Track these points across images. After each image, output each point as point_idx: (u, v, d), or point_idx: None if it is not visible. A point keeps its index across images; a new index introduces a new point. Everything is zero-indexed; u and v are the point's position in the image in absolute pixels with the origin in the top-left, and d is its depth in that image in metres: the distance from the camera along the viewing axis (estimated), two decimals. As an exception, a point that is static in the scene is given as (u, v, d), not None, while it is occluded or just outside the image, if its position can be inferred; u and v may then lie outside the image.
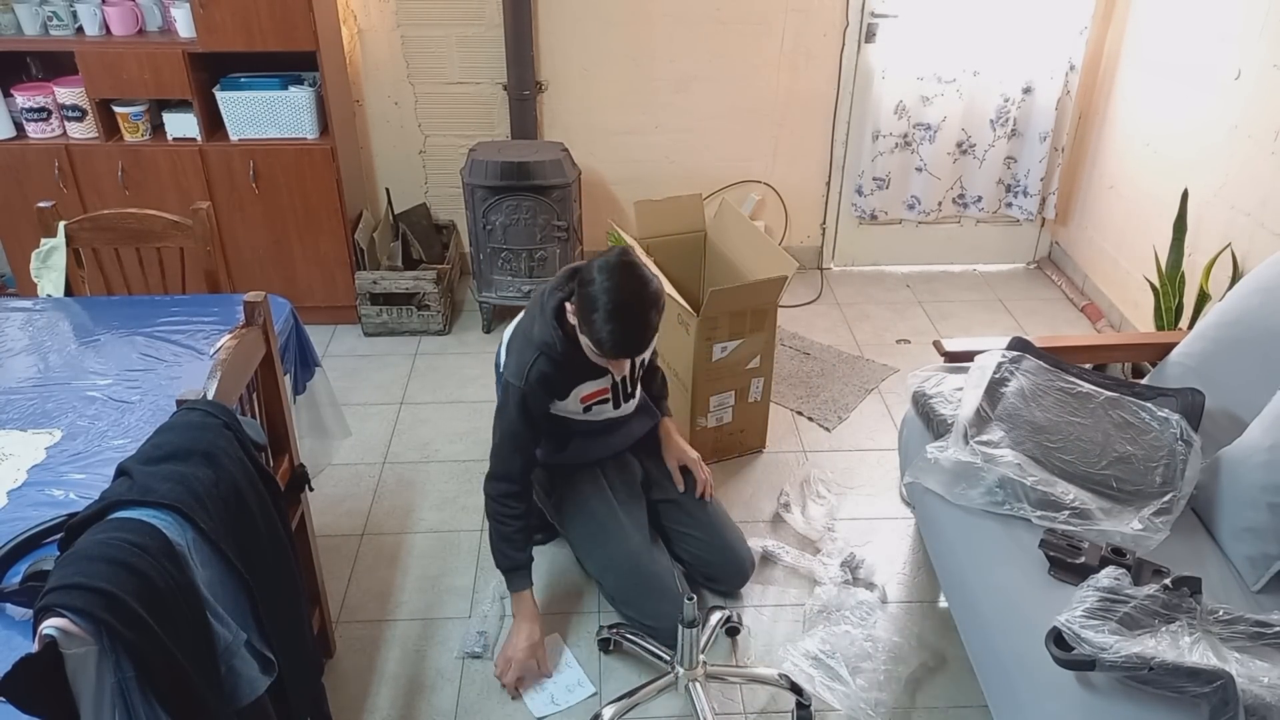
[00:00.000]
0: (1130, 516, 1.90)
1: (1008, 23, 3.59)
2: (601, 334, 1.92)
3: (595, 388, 2.19)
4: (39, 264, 2.35)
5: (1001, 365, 2.20)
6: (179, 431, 1.45)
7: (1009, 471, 1.96)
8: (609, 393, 2.23)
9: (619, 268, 1.92)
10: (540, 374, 2.07)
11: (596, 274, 1.92)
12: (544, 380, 2.09)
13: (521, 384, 2.08)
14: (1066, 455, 2.01)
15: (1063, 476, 1.98)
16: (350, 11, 3.53)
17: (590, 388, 2.18)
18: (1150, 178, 3.41)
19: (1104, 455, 2.01)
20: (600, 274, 1.92)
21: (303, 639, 1.73)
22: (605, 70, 3.70)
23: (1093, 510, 1.90)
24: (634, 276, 1.92)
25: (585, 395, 2.19)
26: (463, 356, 3.51)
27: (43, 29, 3.21)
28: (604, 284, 1.90)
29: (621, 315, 1.90)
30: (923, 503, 2.21)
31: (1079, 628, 1.56)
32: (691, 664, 2.05)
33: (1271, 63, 2.76)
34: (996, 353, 2.24)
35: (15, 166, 3.29)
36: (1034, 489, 1.93)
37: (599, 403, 2.23)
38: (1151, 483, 1.96)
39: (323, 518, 2.63)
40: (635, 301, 1.91)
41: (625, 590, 2.26)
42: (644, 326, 1.94)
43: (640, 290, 1.92)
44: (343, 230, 3.47)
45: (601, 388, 2.20)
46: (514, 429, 2.13)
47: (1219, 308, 2.25)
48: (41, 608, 1.11)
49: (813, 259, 4.16)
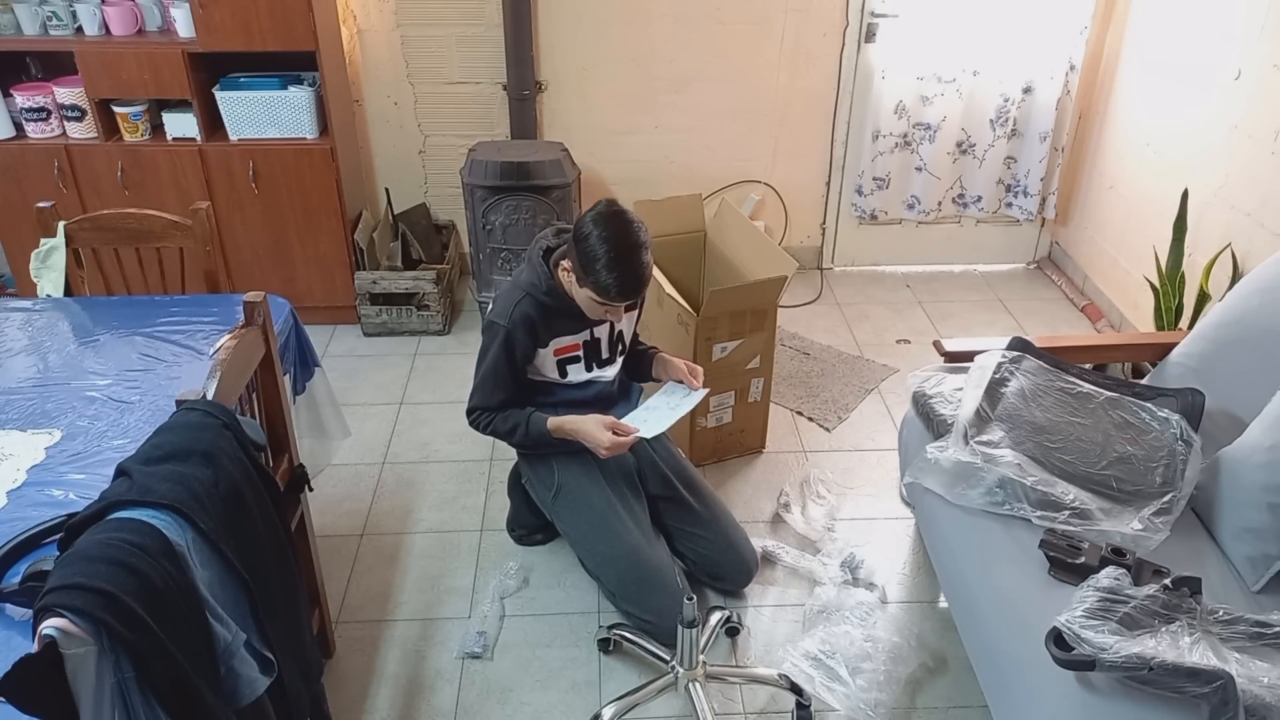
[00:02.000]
0: (1130, 517, 1.90)
1: (1008, 23, 3.59)
2: (607, 281, 2.05)
3: (569, 342, 2.29)
4: (38, 264, 2.35)
5: (1001, 365, 2.20)
6: (178, 432, 1.45)
7: (1009, 472, 1.96)
8: (581, 349, 2.31)
9: (610, 217, 2.06)
10: (524, 314, 2.19)
11: (591, 227, 2.05)
12: (527, 321, 2.19)
13: (505, 322, 2.19)
14: (1067, 455, 2.01)
15: (1063, 477, 1.98)
16: (350, 11, 3.53)
17: (564, 341, 2.28)
18: (1150, 178, 3.41)
19: (1104, 455, 2.00)
20: (595, 226, 2.05)
21: (303, 639, 1.73)
22: (605, 70, 3.70)
23: (1093, 510, 1.90)
24: (625, 223, 2.07)
25: (559, 348, 2.28)
26: (462, 356, 3.51)
27: (42, 29, 3.21)
28: (600, 235, 2.04)
29: (622, 261, 2.04)
30: (923, 503, 2.21)
31: (1079, 628, 1.56)
32: (691, 664, 2.05)
33: (1272, 63, 2.76)
34: (996, 353, 2.24)
35: (15, 166, 3.29)
36: (1034, 489, 1.93)
37: (571, 360, 2.31)
38: (1151, 483, 1.96)
39: (323, 518, 2.63)
40: (632, 246, 2.05)
41: (626, 585, 2.26)
42: (642, 266, 2.08)
43: (634, 235, 2.06)
44: (342, 230, 3.47)
45: (574, 343, 2.29)
46: (496, 365, 2.23)
47: (1219, 308, 2.25)
48: (41, 608, 1.11)
49: (813, 259, 4.16)
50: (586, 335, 2.29)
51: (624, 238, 2.04)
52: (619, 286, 2.06)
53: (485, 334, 2.27)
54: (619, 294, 2.07)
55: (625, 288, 2.07)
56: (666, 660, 2.12)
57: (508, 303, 2.21)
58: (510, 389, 2.28)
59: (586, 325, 2.27)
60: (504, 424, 2.29)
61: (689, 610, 1.98)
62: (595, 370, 2.35)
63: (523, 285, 2.22)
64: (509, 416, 2.28)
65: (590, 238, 2.04)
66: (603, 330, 2.31)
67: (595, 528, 2.30)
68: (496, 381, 2.26)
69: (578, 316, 2.23)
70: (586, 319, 2.24)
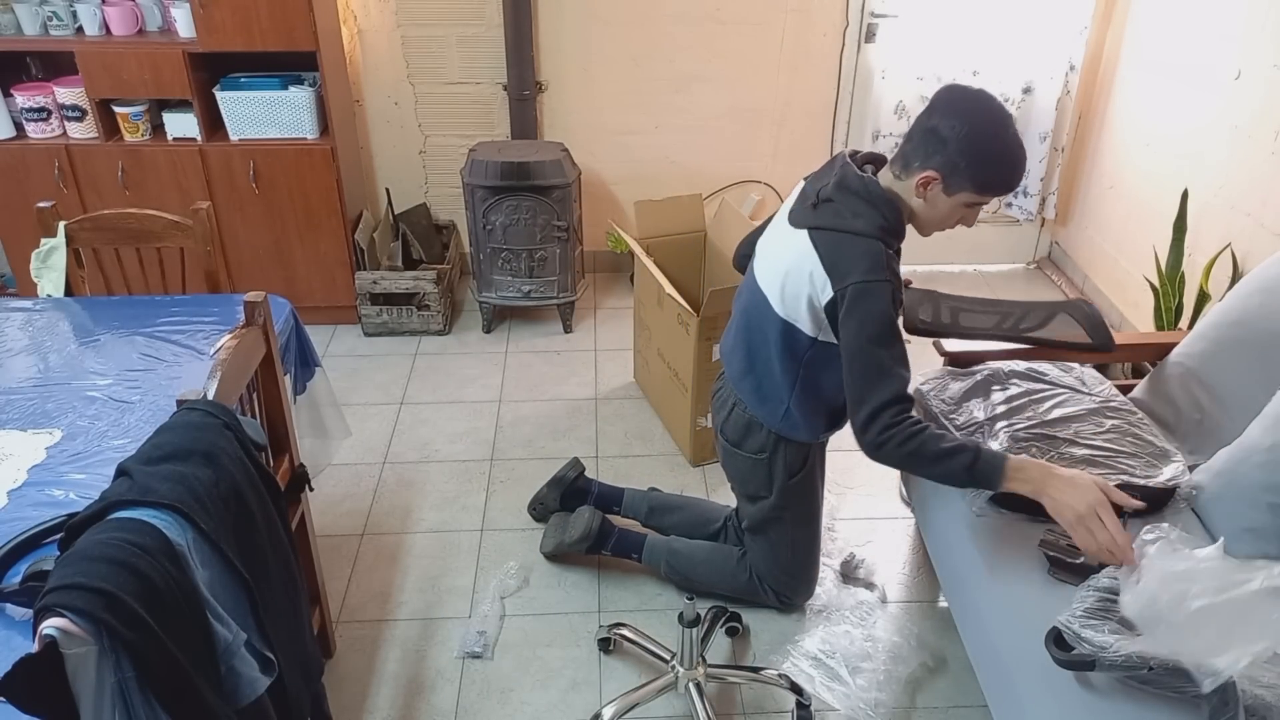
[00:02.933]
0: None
1: (1008, 23, 3.60)
2: (1007, 173, 1.77)
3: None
4: (39, 264, 2.35)
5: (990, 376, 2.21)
6: (179, 431, 1.45)
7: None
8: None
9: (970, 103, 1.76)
10: (891, 264, 1.79)
11: (959, 125, 1.72)
12: (895, 272, 1.80)
13: (885, 275, 1.75)
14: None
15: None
16: (350, 11, 3.53)
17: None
18: (1150, 178, 3.41)
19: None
20: (962, 122, 1.73)
21: (303, 639, 1.73)
22: (605, 70, 3.70)
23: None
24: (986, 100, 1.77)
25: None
26: (463, 357, 3.51)
27: (43, 29, 3.21)
28: (979, 127, 1.73)
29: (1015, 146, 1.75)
30: (923, 503, 2.21)
31: (1079, 628, 1.56)
32: (691, 664, 2.06)
33: (1272, 63, 2.76)
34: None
35: (15, 166, 3.29)
36: None
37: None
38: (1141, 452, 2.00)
39: (323, 518, 2.63)
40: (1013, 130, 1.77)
41: (798, 573, 2.30)
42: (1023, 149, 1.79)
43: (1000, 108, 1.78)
44: (343, 230, 3.47)
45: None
46: (895, 333, 1.76)
47: (1219, 308, 2.25)
48: (41, 608, 1.11)
49: (813, 259, 4.15)
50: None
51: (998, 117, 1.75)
52: (1013, 176, 1.77)
53: (860, 304, 1.75)
54: (1010, 184, 1.79)
55: (1016, 175, 1.78)
56: (666, 660, 2.12)
57: (872, 255, 1.77)
58: (909, 363, 1.79)
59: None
60: (936, 443, 1.70)
61: (689, 610, 1.98)
62: None
63: (872, 230, 1.79)
64: (942, 435, 1.73)
65: (967, 137, 1.72)
66: None
67: (814, 519, 2.24)
68: (899, 354, 1.76)
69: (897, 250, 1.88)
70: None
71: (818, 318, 1.87)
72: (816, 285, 1.83)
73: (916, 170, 1.80)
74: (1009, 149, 1.76)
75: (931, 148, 1.77)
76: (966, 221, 1.89)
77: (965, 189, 1.78)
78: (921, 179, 1.79)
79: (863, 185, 1.83)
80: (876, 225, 1.80)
